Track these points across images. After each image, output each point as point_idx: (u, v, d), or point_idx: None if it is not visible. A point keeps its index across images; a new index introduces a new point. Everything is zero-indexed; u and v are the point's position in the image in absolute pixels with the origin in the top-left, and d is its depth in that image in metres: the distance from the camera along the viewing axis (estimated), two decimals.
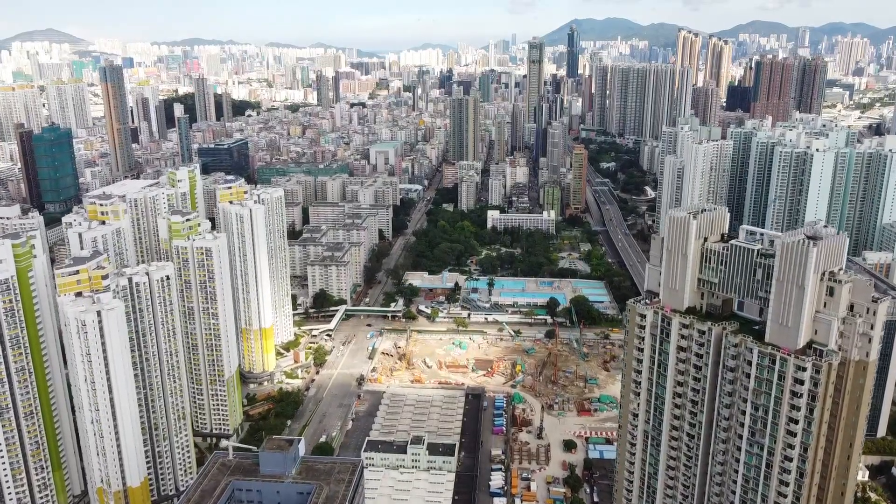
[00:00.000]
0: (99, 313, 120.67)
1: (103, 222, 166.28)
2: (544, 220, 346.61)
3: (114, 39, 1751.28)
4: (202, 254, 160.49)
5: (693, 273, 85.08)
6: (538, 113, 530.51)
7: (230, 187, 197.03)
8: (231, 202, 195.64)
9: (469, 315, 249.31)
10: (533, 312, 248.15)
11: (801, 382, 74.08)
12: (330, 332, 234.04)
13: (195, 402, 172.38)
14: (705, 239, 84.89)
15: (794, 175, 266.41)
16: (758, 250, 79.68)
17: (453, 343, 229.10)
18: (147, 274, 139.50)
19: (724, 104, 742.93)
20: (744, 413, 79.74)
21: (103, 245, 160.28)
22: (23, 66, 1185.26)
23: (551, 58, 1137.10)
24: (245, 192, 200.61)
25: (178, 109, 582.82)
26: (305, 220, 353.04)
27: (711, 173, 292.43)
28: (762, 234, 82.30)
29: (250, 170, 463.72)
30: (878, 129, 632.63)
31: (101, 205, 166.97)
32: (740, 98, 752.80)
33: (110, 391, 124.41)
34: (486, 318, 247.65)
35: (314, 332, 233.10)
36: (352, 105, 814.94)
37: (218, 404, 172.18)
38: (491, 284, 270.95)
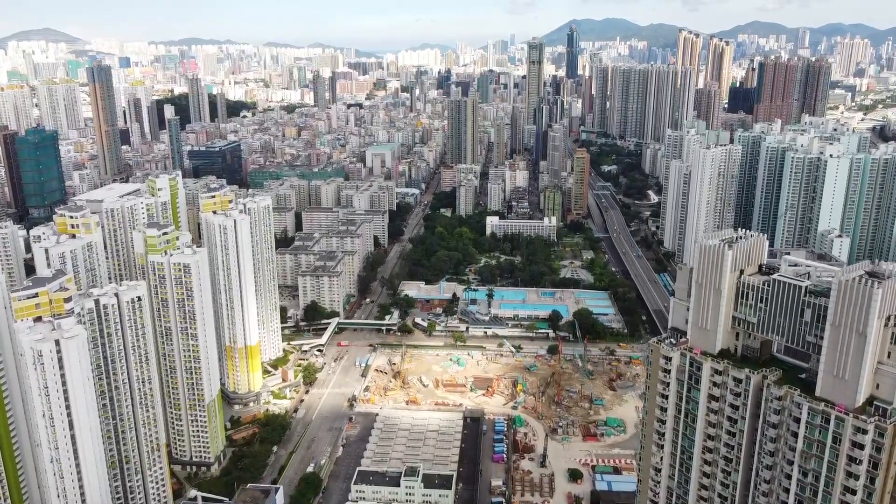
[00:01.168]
0: (57, 342, 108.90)
1: (73, 236, 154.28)
2: (545, 226, 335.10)
3: (111, 39, 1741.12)
4: (179, 270, 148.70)
5: (727, 311, 73.59)
6: (538, 115, 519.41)
7: (213, 196, 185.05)
8: (215, 212, 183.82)
9: (467, 329, 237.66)
10: (534, 326, 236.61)
11: (861, 447, 62.73)
12: (321, 348, 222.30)
13: (174, 428, 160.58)
14: (741, 271, 73.34)
15: (807, 182, 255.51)
16: (806, 287, 68.18)
17: (451, 359, 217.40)
18: (116, 295, 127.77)
19: (726, 106, 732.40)
20: (789, 477, 68.33)
21: (72, 261, 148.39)
22: (18, 65, 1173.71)
23: (550, 58, 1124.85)
24: (230, 202, 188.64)
25: (169, 111, 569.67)
26: (298, 225, 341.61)
27: (719, 179, 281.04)
28: (808, 267, 70.77)
29: (243, 173, 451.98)
30: (882, 132, 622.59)
31: (72, 217, 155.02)
32: (742, 99, 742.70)
33: (71, 427, 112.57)
34: (485, 332, 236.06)
35: (304, 348, 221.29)
36: (349, 106, 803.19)
37: (198, 430, 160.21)
38: (490, 296, 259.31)
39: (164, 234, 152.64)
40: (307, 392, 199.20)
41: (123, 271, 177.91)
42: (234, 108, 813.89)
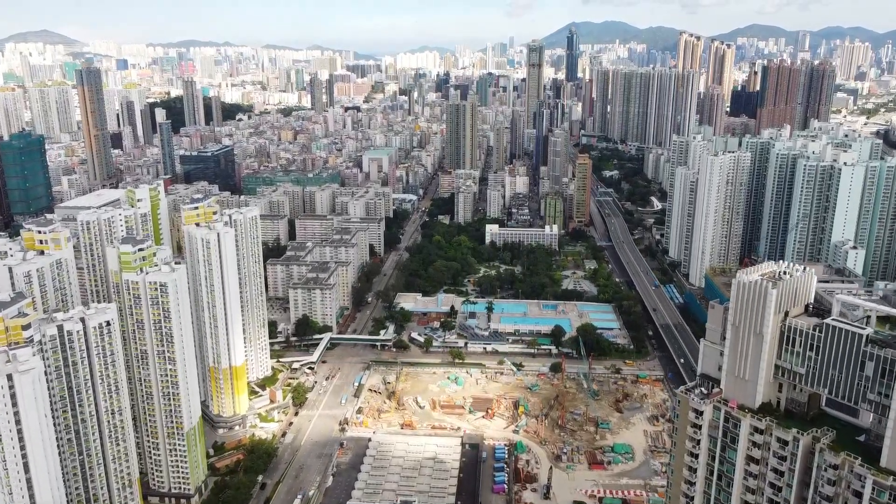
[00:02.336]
0: (10, 377, 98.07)
1: (42, 252, 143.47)
2: (546, 234, 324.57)
3: (109, 41, 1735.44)
4: (156, 290, 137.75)
5: (770, 359, 63.00)
6: (538, 119, 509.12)
7: (196, 207, 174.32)
8: (197, 224, 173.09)
9: (466, 344, 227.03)
10: (536, 342, 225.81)
11: None
12: (312, 365, 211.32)
13: (151, 458, 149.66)
14: (786, 313, 62.75)
15: (820, 191, 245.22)
16: (868, 336, 57.67)
17: (448, 378, 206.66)
18: (82, 320, 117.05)
19: (728, 109, 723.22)
20: None
21: (39, 281, 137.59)
22: (15, 67, 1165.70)
23: (549, 61, 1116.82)
24: (214, 213, 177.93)
25: (161, 114, 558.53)
26: (292, 233, 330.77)
27: (727, 187, 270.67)
28: (870, 311, 60.18)
29: (236, 178, 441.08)
30: (886, 136, 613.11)
31: (39, 232, 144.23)
32: (745, 103, 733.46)
33: (27, 470, 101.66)
34: (484, 348, 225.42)
35: (294, 366, 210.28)
36: (346, 109, 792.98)
37: (177, 460, 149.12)
38: (490, 309, 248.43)
39: (140, 249, 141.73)
40: (296, 414, 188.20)
41: (101, 289, 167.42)
42: (230, 111, 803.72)
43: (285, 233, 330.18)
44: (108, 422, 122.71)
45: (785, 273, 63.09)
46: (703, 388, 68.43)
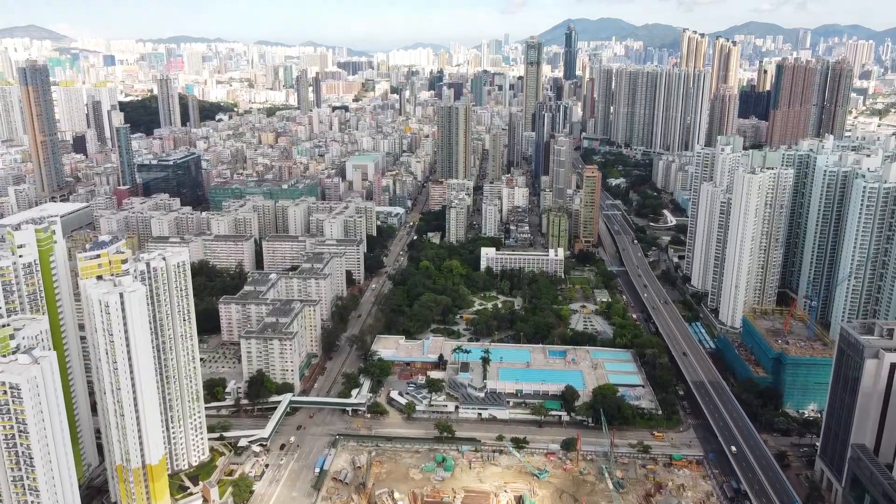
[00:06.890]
0: None
1: None
2: (551, 260, 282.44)
3: (98, 37, 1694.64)
4: (4, 393, 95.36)
5: None
6: (538, 121, 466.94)
7: (98, 255, 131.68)
8: (100, 278, 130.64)
9: (457, 408, 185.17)
10: (543, 407, 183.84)
11: None
12: (264, 442, 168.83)
13: None
14: None
15: (882, 218, 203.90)
16: None
17: (435, 459, 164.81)
18: None
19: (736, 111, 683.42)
20: None
21: None
22: None
23: (545, 58, 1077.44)
24: (124, 262, 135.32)
25: (117, 118, 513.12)
26: (259, 256, 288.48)
27: (766, 210, 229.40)
28: None
29: (203, 189, 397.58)
30: None
31: None
32: (754, 104, 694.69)
33: None
34: (479, 414, 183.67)
35: (242, 442, 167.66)
36: (334, 108, 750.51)
37: None
38: (486, 360, 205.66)
39: None
40: None
41: None
42: (211, 111, 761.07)
43: (251, 257, 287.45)
44: None
45: None
46: None
